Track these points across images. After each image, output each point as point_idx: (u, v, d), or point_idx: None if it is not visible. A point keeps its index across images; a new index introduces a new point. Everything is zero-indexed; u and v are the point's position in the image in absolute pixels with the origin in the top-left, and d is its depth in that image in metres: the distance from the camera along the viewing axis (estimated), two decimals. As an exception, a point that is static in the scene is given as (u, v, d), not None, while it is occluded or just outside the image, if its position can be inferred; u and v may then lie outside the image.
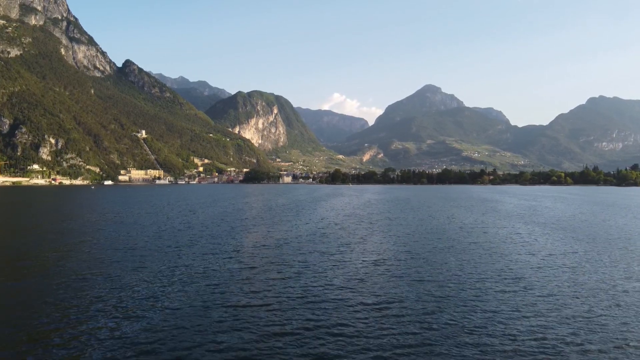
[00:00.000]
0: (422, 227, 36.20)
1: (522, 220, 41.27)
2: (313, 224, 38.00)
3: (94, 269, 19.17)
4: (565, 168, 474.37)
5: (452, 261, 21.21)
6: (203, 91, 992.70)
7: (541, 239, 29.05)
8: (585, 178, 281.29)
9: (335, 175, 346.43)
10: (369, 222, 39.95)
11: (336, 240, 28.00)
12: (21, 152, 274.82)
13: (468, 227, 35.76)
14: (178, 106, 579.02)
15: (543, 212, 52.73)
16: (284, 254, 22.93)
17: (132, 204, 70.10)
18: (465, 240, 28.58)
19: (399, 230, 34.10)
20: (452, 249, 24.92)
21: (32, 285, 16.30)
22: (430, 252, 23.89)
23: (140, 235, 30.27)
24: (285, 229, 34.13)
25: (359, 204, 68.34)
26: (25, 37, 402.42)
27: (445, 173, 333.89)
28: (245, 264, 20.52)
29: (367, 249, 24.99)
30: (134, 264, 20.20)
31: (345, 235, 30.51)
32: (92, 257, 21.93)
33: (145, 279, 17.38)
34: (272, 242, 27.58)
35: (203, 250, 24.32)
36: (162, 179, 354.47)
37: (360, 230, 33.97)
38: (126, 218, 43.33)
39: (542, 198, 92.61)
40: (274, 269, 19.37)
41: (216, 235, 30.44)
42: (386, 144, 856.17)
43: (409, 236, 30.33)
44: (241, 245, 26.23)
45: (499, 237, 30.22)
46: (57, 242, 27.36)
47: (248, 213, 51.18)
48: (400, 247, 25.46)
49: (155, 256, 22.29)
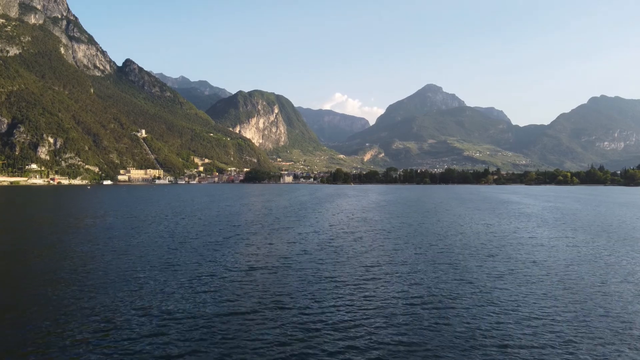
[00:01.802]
0: (457, 238, 28.74)
1: (569, 227, 35.50)
2: (321, 234, 31.12)
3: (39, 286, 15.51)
4: (567, 168, 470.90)
5: (531, 294, 14.95)
6: (204, 91, 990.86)
7: (614, 254, 23.05)
8: (592, 178, 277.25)
9: (336, 175, 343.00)
10: (387, 231, 32.64)
11: (354, 259, 21.22)
12: (19, 151, 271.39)
13: (514, 239, 28.16)
14: (178, 105, 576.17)
15: (578, 215, 47.59)
16: (286, 283, 16.51)
17: (121, 205, 66.29)
18: (525, 257, 21.64)
19: (430, 241, 27.09)
20: (515, 273, 18.06)
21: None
22: (490, 278, 17.27)
23: (101, 250, 23.44)
24: (287, 241, 27.61)
25: (367, 206, 63.89)
26: (24, 36, 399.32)
27: (448, 173, 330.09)
28: (234, 298, 14.40)
29: (397, 274, 17.93)
30: (74, 299, 16.43)
31: (364, 251, 23.41)
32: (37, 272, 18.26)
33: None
34: (271, 261, 20.60)
35: (177, 276, 17.34)
36: (162, 179, 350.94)
37: (381, 242, 26.74)
38: (101, 223, 39.33)
39: (561, 199, 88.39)
40: (272, 304, 13.73)
41: (201, 250, 23.47)
42: (387, 143, 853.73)
43: (448, 253, 23.04)
44: (231, 267, 19.24)
45: (564, 253, 23.06)
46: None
47: (245, 217, 44.22)
48: (444, 272, 18.37)
49: (106, 288, 15.38)
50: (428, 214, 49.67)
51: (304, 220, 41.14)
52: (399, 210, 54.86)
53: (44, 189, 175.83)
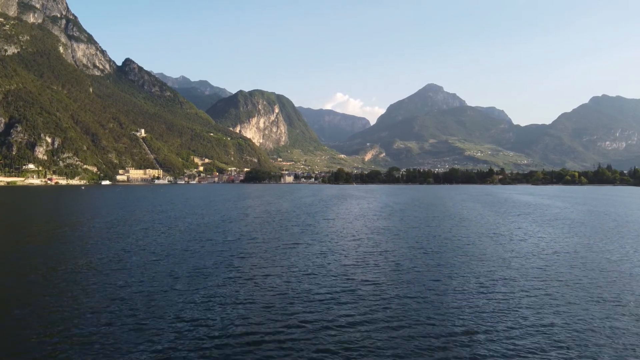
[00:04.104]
0: (532, 261, 21.55)
1: (627, 237, 30.34)
2: (337, 257, 22.44)
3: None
4: (569, 167, 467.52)
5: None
6: (204, 91, 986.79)
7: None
8: (600, 177, 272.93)
9: (338, 175, 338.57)
10: (423, 251, 24.52)
11: (414, 307, 13.96)
12: (16, 151, 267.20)
13: (610, 262, 21.59)
14: (178, 105, 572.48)
15: (619, 219, 43.38)
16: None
17: (107, 208, 61.96)
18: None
19: (493, 267, 19.89)
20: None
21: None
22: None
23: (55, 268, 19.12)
24: (292, 268, 19.81)
25: (381, 210, 57.59)
26: (23, 35, 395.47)
27: (451, 172, 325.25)
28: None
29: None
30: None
31: (423, 294, 15.47)
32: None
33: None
34: (274, 318, 13.07)
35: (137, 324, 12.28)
36: (162, 179, 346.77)
37: (432, 270, 19.22)
38: (71, 232, 35.25)
39: (588, 200, 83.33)
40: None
41: (172, 285, 16.59)
42: (388, 143, 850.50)
43: (535, 284, 16.80)
44: (217, 309, 13.74)
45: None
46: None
47: (240, 228, 36.14)
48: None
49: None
50: (461, 222, 41.06)
51: (312, 231, 33.72)
52: (422, 217, 46.73)
53: (39, 189, 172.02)
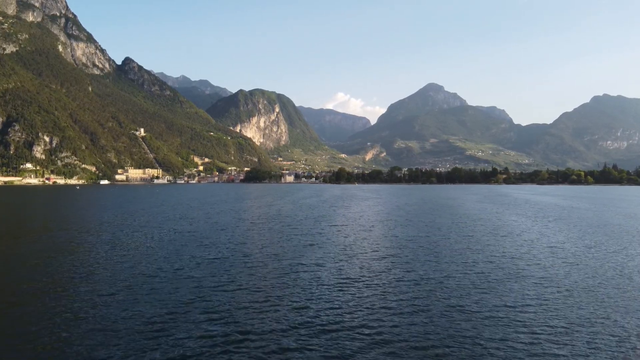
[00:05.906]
0: (611, 289, 16.24)
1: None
2: (360, 289, 16.10)
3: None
4: (570, 167, 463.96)
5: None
6: (204, 90, 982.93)
7: None
8: (607, 177, 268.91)
9: (339, 175, 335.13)
10: (479, 277, 17.98)
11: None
12: (14, 150, 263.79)
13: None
14: (178, 104, 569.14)
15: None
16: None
17: (86, 212, 58.45)
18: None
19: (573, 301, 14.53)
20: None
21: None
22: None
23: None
24: (305, 299, 14.82)
25: (393, 214, 51.23)
26: (21, 34, 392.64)
27: (455, 172, 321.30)
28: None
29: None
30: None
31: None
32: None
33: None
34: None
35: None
36: (161, 179, 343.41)
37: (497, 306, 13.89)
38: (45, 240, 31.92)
39: (609, 201, 79.24)
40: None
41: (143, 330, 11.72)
42: (389, 142, 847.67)
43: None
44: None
45: None
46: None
47: (233, 238, 29.10)
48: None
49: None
50: (496, 231, 33.69)
51: (320, 243, 27.03)
52: (447, 224, 38.22)
53: (37, 189, 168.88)
